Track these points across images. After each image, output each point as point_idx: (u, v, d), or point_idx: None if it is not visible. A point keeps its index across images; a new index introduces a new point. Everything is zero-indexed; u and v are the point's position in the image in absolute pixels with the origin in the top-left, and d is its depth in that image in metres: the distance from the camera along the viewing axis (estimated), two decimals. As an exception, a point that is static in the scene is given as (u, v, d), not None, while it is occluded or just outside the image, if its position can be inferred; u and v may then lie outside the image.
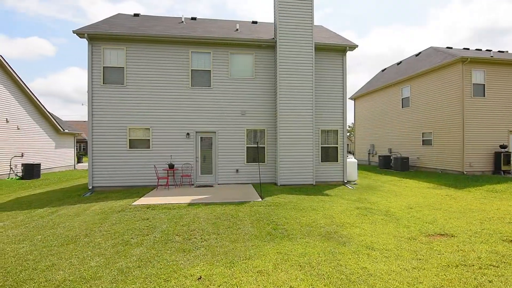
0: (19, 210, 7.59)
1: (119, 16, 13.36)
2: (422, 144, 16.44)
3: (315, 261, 4.13)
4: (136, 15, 13.75)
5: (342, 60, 11.66)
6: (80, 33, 10.07)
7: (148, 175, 10.63)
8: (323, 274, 3.72)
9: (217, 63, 11.15)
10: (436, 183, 11.88)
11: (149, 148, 10.71)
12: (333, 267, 3.93)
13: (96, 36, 10.30)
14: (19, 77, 15.54)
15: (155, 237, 5.15)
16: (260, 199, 8.21)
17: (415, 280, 3.60)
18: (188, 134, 10.92)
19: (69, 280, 3.62)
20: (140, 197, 8.68)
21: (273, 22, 12.52)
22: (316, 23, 19.97)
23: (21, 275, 3.76)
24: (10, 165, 15.03)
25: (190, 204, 7.64)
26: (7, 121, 14.89)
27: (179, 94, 10.92)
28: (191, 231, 5.45)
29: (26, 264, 4.09)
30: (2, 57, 14.38)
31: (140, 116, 10.68)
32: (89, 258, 4.29)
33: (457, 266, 3.99)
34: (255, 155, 11.30)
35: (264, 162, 11.37)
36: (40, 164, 15.71)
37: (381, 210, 7.23)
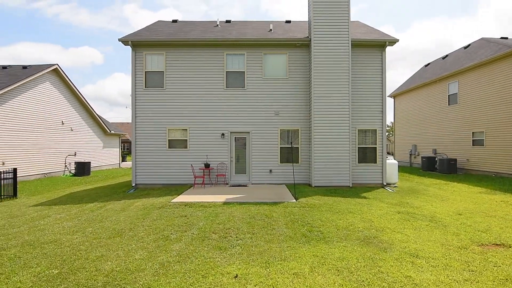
0: (72, 204, 8.36)
1: (159, 23, 14.09)
2: (473, 145, 15.03)
3: (353, 266, 3.97)
4: (174, 21, 14.39)
5: (381, 56, 11.09)
6: (124, 40, 10.81)
7: (185, 174, 11.06)
8: (363, 281, 3.56)
9: (251, 64, 11.25)
10: (489, 187, 10.78)
11: (187, 148, 11.15)
12: (373, 274, 3.75)
13: (139, 43, 10.97)
14: (73, 84, 17.13)
15: (192, 233, 5.34)
16: (294, 200, 8.11)
17: (468, 293, 3.29)
18: (223, 134, 11.17)
19: (116, 270, 3.89)
20: (179, 195, 9.07)
21: (307, 20, 12.32)
22: (352, 18, 19.23)
23: (75, 264, 4.12)
24: (65, 163, 16.63)
25: (225, 203, 7.80)
26: (62, 123, 16.49)
27: (215, 95, 11.21)
28: (226, 229, 5.56)
29: (79, 254, 4.48)
30: (59, 66, 15.96)
31: (178, 117, 11.16)
32: (134, 251, 4.57)
33: (518, 280, 3.58)
34: (289, 155, 11.20)
35: (298, 162, 11.22)
36: (90, 162, 17.16)
37: (425, 215, 6.74)
